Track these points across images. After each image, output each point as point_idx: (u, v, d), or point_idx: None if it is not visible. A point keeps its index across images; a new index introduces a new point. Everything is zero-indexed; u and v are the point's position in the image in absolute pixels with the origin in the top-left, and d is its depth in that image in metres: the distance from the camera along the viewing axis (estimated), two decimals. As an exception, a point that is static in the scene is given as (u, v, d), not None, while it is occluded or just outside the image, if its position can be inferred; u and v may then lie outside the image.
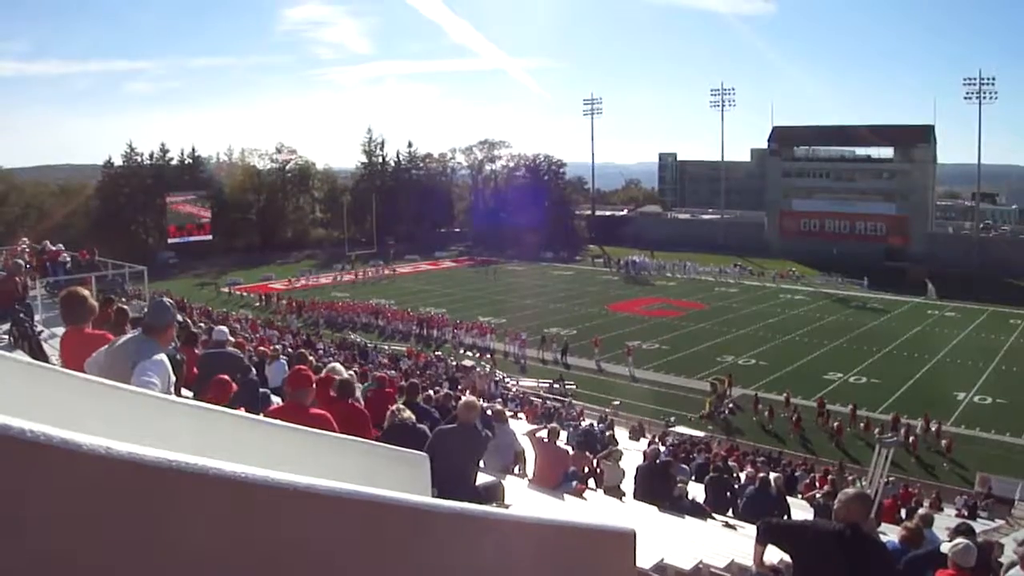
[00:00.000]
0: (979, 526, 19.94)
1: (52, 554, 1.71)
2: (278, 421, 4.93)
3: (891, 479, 28.08)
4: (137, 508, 1.84)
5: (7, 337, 11.87)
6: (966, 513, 27.21)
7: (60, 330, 14.33)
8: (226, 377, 8.57)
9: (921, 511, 14.42)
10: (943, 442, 37.93)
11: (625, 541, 4.14)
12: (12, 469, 1.65)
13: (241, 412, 5.12)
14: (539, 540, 3.44)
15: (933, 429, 38.88)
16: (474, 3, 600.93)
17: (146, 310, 7.60)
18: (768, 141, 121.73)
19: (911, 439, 37.88)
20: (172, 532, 1.88)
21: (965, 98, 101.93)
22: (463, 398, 11.34)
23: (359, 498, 2.40)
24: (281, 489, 2.09)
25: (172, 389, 5.67)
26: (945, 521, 17.76)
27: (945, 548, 8.46)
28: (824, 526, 6.65)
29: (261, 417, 5.20)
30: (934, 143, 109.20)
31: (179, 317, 8.44)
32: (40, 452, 1.68)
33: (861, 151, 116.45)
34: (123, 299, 11.00)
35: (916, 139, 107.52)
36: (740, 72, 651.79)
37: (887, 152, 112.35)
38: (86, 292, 6.91)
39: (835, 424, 40.29)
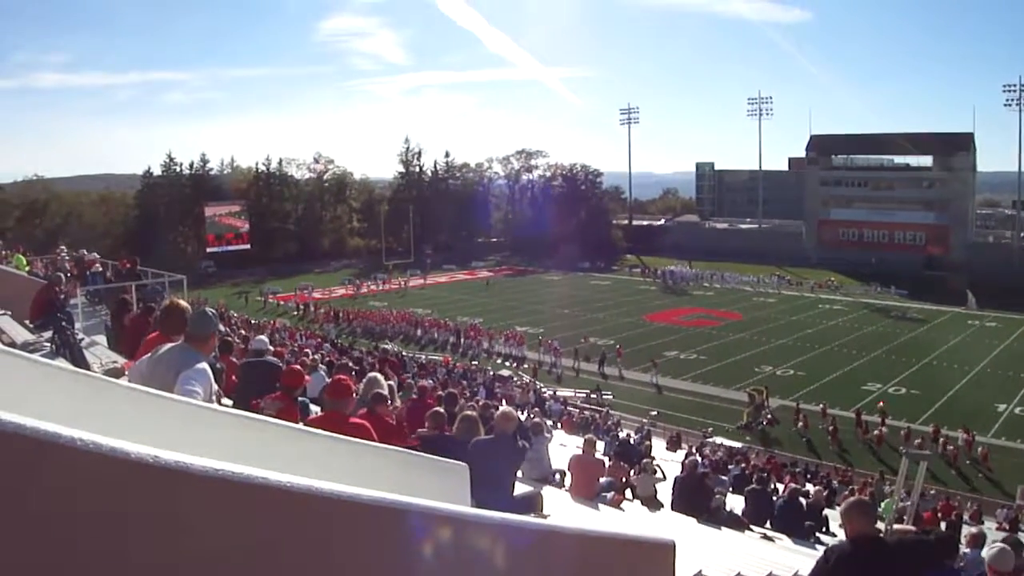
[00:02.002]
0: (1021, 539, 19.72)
1: (102, 557, 1.73)
2: (319, 430, 4.95)
3: (931, 492, 27.83)
4: (183, 514, 1.86)
5: (49, 345, 11.96)
6: (1007, 526, 26.89)
7: (100, 338, 14.49)
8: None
9: (973, 530, 14.29)
10: (979, 449, 37.50)
11: (665, 552, 4.14)
12: (63, 476, 1.68)
13: (281, 421, 5.14)
14: (581, 550, 3.45)
15: (964, 440, 38.41)
16: (510, 14, 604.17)
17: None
18: (806, 150, 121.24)
19: (950, 448, 37.52)
20: (218, 538, 1.90)
21: (1005, 105, 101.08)
22: (500, 408, 11.33)
23: (402, 508, 2.41)
24: (326, 498, 2.11)
25: (215, 398, 5.70)
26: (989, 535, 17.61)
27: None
28: (837, 548, 6.60)
29: (302, 426, 5.22)
30: (974, 151, 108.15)
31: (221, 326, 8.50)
32: (90, 460, 1.70)
33: (900, 160, 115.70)
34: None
35: (955, 147, 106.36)
36: (777, 81, 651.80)
37: (926, 160, 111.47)
38: (186, 304, 6.97)
39: (875, 433, 39.98)
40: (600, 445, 23.80)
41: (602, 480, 14.69)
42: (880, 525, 6.46)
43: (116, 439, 1.77)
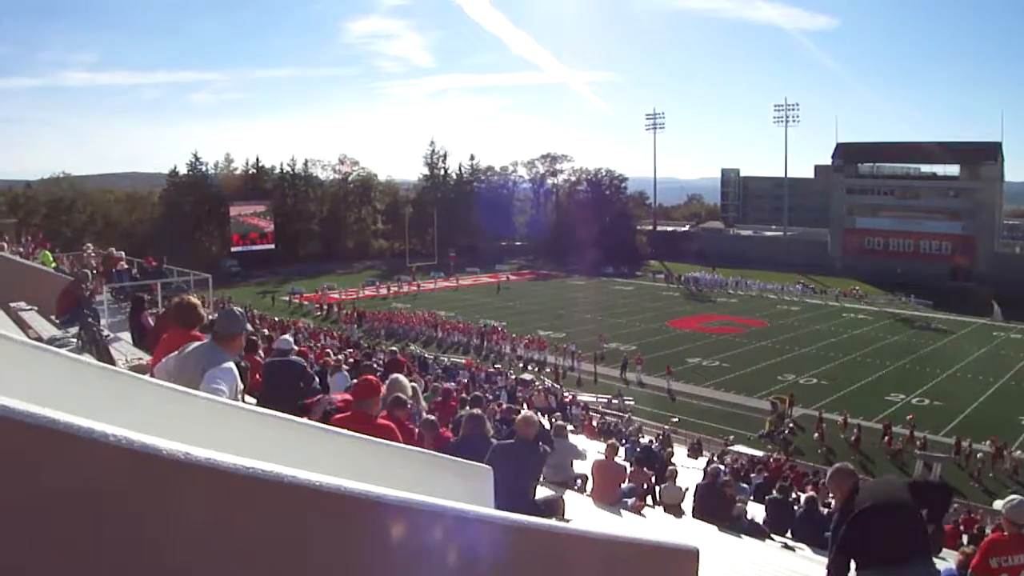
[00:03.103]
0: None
1: (133, 553, 1.73)
2: (345, 430, 4.95)
3: (954, 505, 27.61)
4: (211, 509, 1.86)
5: (75, 341, 12.02)
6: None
7: (125, 335, 14.58)
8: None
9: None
10: (1011, 463, 37.20)
11: (688, 559, 4.12)
12: (93, 470, 1.68)
13: (307, 420, 5.15)
14: (604, 554, 3.44)
15: (991, 450, 38.11)
16: (536, 17, 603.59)
17: (212, 318, 7.69)
18: (832, 157, 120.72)
19: (980, 456, 37.27)
20: (248, 535, 1.90)
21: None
22: (522, 413, 11.33)
23: (426, 508, 2.41)
24: (354, 498, 2.11)
25: (240, 396, 5.73)
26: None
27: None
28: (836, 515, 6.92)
29: (328, 426, 5.23)
30: (1002, 161, 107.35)
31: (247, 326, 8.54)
32: (120, 455, 1.70)
33: (927, 168, 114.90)
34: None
35: (983, 156, 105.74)
36: (804, 87, 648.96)
37: (953, 170, 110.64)
38: (196, 301, 7.04)
39: (898, 443, 39.79)
40: (621, 451, 23.76)
41: (623, 486, 14.68)
42: None
43: (146, 435, 1.77)
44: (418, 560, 2.41)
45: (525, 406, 29.50)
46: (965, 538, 21.97)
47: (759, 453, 37.55)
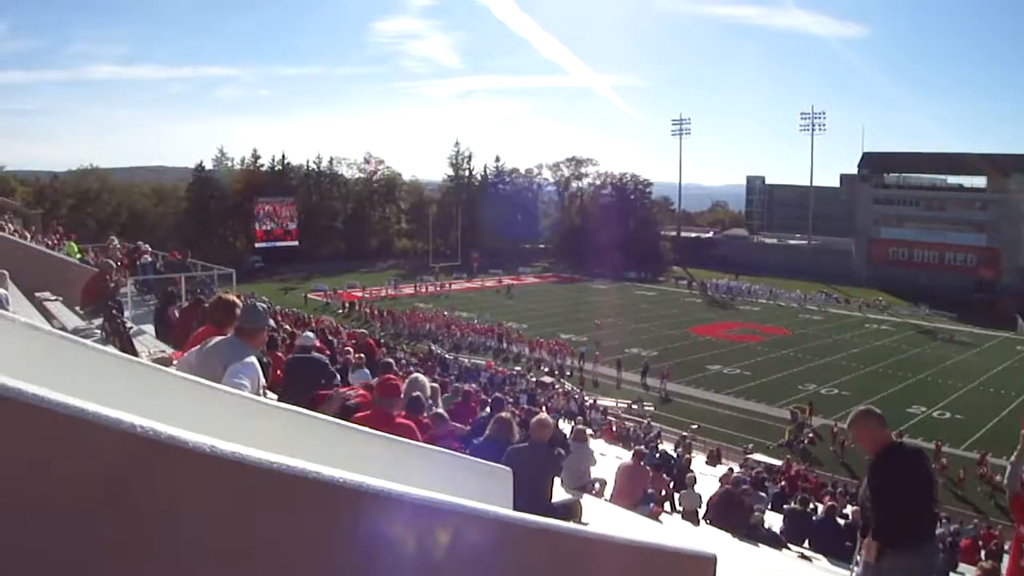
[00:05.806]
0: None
1: (162, 544, 1.75)
2: (365, 428, 4.96)
3: (974, 520, 27.45)
4: (236, 504, 1.87)
5: (99, 332, 12.07)
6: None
7: (149, 327, 14.65)
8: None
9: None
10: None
11: (705, 566, 4.11)
12: (120, 461, 1.70)
13: (327, 417, 5.17)
14: (620, 558, 3.43)
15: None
16: (563, 20, 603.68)
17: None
18: (858, 167, 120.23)
19: (998, 479, 36.94)
20: (271, 529, 1.92)
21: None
22: (537, 416, 11.35)
23: (446, 508, 2.42)
24: (373, 495, 2.12)
25: (262, 392, 5.74)
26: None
27: None
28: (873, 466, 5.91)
29: (348, 423, 5.24)
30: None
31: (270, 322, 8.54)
32: (148, 446, 1.72)
33: (953, 179, 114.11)
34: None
35: (1011, 168, 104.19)
36: (831, 96, 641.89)
37: (980, 181, 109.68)
38: (234, 298, 7.03)
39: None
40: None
41: (645, 490, 14.68)
42: None
43: (173, 427, 1.79)
44: (436, 559, 2.42)
45: (544, 410, 29.54)
46: (983, 553, 21.87)
47: (778, 462, 37.39)
